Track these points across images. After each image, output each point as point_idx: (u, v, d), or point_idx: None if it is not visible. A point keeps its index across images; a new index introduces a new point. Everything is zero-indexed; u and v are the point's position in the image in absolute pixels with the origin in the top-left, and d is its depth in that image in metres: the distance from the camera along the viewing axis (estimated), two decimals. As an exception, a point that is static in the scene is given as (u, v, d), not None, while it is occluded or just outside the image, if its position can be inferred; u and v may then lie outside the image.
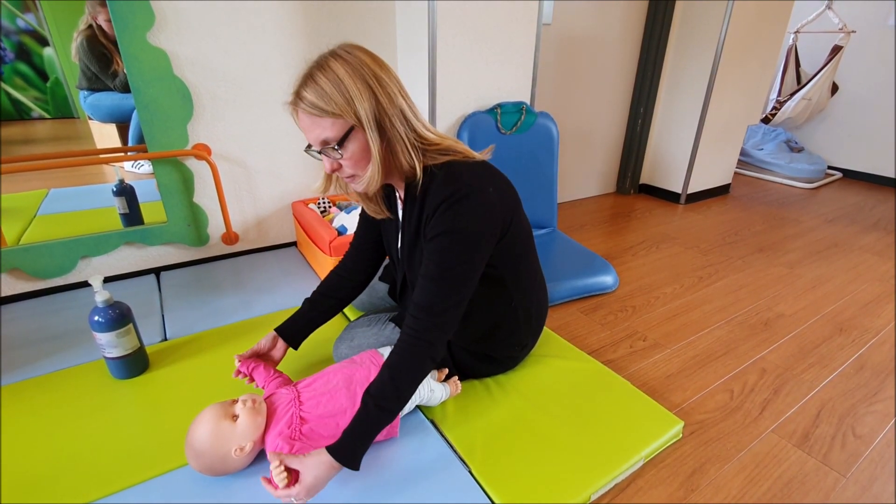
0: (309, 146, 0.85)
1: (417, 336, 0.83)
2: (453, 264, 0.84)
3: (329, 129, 0.78)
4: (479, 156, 0.92)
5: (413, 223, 0.91)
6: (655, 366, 1.30)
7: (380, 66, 0.80)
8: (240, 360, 0.99)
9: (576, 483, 0.88)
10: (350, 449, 0.79)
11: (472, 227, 0.83)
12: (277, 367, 1.04)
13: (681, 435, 1.05)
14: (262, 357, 1.03)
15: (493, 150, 0.97)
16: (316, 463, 0.77)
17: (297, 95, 0.79)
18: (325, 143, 0.80)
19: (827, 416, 1.14)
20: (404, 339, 0.84)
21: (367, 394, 0.81)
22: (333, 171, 0.86)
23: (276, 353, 1.05)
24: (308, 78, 0.78)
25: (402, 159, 0.84)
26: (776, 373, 1.28)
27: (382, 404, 0.80)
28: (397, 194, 0.99)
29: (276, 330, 1.06)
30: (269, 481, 0.77)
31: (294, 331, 1.07)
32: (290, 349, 1.07)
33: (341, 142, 0.80)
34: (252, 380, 0.99)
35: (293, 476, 0.77)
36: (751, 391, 1.21)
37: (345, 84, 0.76)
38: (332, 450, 0.78)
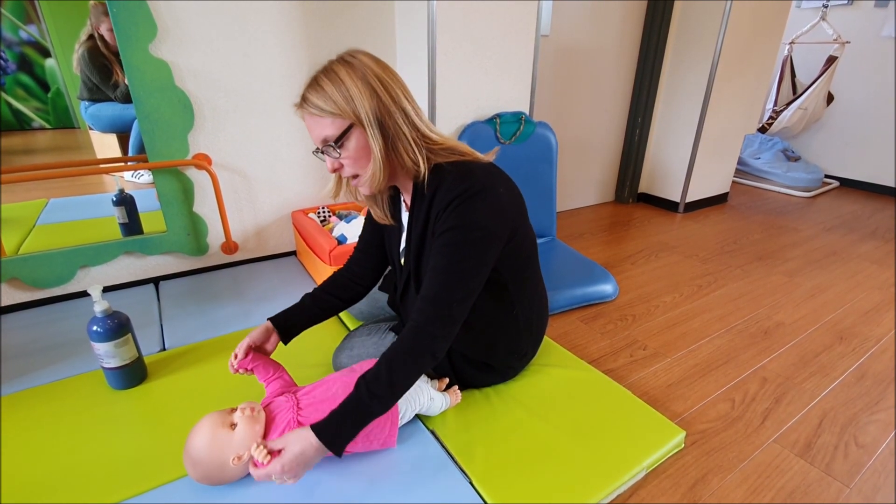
0: (317, 148, 0.87)
1: (419, 328, 0.83)
2: (463, 259, 0.84)
3: (329, 127, 0.82)
4: (484, 157, 0.93)
5: (421, 221, 0.92)
6: (656, 375, 1.30)
7: (383, 69, 0.83)
8: (238, 362, 0.94)
9: (577, 493, 0.87)
10: (334, 430, 0.79)
11: (484, 224, 0.85)
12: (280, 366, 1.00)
13: (683, 445, 1.04)
14: (255, 350, 0.98)
15: (497, 152, 0.99)
16: (297, 438, 0.78)
17: (303, 98, 0.83)
18: (325, 141, 0.83)
19: (829, 425, 1.13)
20: (408, 330, 0.84)
21: (362, 378, 0.81)
22: (335, 170, 0.88)
23: (269, 346, 1.00)
24: (313, 81, 0.82)
25: (406, 157, 0.85)
26: (777, 382, 1.28)
27: (374, 391, 0.80)
28: (402, 199, 1.00)
29: (270, 320, 1.02)
30: (255, 463, 0.79)
31: (290, 325, 1.03)
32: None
33: (339, 140, 0.82)
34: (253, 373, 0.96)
35: (275, 454, 0.78)
36: (752, 400, 1.21)
37: (345, 85, 0.79)
38: (315, 428, 0.78)
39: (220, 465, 0.82)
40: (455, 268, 0.84)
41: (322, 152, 0.86)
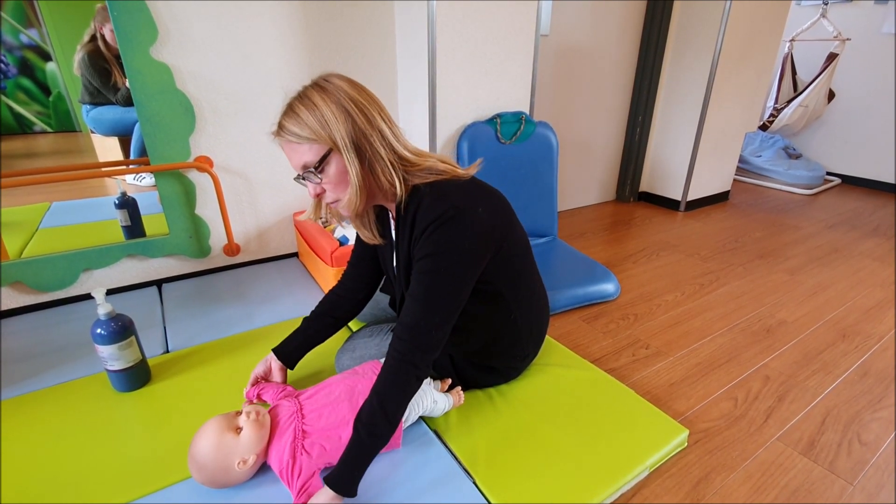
0: (298, 175, 0.87)
1: (401, 358, 0.83)
2: (439, 285, 0.84)
3: (307, 153, 0.82)
4: (464, 171, 0.91)
5: (405, 243, 0.91)
6: (658, 374, 1.30)
7: (358, 91, 0.82)
8: (246, 393, 1.02)
9: (581, 493, 0.87)
10: (346, 479, 0.81)
11: (460, 249, 0.83)
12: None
13: (686, 444, 1.04)
14: (265, 380, 1.05)
15: (482, 163, 0.98)
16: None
17: (279, 126, 0.83)
18: (304, 167, 0.83)
19: (832, 423, 1.13)
20: (389, 361, 0.84)
21: (358, 420, 0.82)
22: (317, 195, 0.88)
23: (276, 375, 1.06)
24: (288, 108, 0.82)
25: (384, 179, 0.85)
26: (780, 380, 1.28)
27: (374, 430, 0.81)
28: (390, 215, 1.00)
29: (273, 350, 1.08)
30: None
31: (289, 350, 1.08)
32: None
33: (319, 165, 0.82)
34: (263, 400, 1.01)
35: None
36: (755, 399, 1.21)
37: (320, 110, 0.79)
38: (329, 482, 0.80)
39: (225, 469, 0.82)
40: (432, 295, 0.84)
41: (303, 178, 0.86)
